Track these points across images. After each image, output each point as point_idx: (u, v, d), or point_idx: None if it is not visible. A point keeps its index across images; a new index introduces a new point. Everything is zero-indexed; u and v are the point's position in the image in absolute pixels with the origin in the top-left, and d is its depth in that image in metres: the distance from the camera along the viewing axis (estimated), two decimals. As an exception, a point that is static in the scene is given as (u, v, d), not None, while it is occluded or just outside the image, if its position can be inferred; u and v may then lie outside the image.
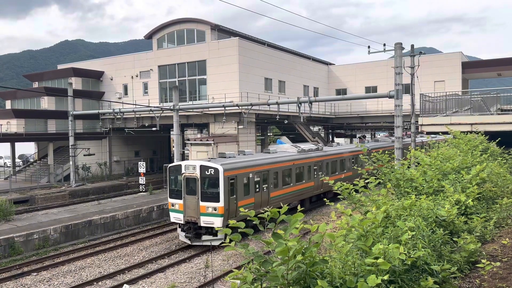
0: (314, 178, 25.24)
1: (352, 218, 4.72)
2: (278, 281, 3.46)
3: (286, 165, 22.61)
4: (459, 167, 8.94)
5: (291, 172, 22.92)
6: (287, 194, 22.55)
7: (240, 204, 18.60)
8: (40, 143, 40.87)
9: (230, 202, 18.08)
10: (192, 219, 18.38)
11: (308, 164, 24.66)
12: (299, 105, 23.91)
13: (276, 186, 21.70)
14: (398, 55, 20.42)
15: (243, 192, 19.08)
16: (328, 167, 26.82)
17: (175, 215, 19.08)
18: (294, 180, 23.19)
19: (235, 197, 18.50)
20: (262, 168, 20.56)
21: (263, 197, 20.49)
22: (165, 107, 29.12)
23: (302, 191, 24.05)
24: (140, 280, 14.99)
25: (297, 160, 23.61)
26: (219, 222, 17.71)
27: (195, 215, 18.24)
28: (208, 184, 18.29)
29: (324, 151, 26.90)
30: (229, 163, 18.88)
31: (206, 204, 18.01)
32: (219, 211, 17.72)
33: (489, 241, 6.58)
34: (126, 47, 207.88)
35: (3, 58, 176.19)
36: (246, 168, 19.48)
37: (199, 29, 37.03)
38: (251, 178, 19.61)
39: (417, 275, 4.49)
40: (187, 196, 18.65)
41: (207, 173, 18.18)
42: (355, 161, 29.85)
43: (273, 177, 21.36)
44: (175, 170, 19.37)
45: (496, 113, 20.84)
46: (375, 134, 59.19)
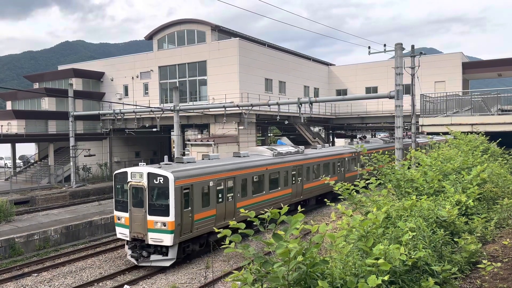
0: (292, 184, 23.00)
1: (353, 218, 4.72)
2: (279, 282, 3.46)
3: (258, 170, 20.25)
4: (459, 167, 8.93)
5: (263, 179, 20.62)
6: (258, 203, 20.01)
7: (198, 218, 16.38)
8: (41, 144, 40.89)
9: (183, 215, 15.66)
10: (138, 236, 15.80)
11: (285, 169, 22.36)
12: (299, 106, 23.91)
13: (245, 195, 19.26)
14: (399, 55, 20.41)
15: (201, 203, 16.64)
16: (309, 172, 24.60)
17: (121, 230, 16.61)
18: (267, 188, 20.86)
19: (190, 209, 16.05)
20: (226, 175, 18.12)
21: (227, 208, 18.10)
22: (166, 108, 29.14)
23: (278, 199, 21.54)
24: (141, 281, 14.98)
25: (272, 165, 21.36)
26: (169, 239, 15.19)
27: (142, 231, 15.69)
28: (157, 194, 15.81)
29: (305, 154, 24.74)
30: (183, 170, 16.38)
31: (154, 219, 15.48)
32: (168, 227, 15.19)
33: (489, 241, 6.57)
34: (126, 48, 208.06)
35: (3, 59, 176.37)
36: (205, 175, 17.01)
37: (200, 30, 37.05)
38: (212, 186, 17.21)
39: (417, 276, 4.49)
40: (133, 209, 16.11)
41: (155, 182, 15.64)
42: (341, 165, 28.33)
43: (241, 185, 19.00)
44: (121, 178, 16.73)
45: (497, 113, 20.83)
46: (375, 135, 59.20)
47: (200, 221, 16.48)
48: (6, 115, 37.75)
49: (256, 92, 34.70)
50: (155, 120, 33.11)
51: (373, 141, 37.23)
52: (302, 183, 23.80)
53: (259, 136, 43.93)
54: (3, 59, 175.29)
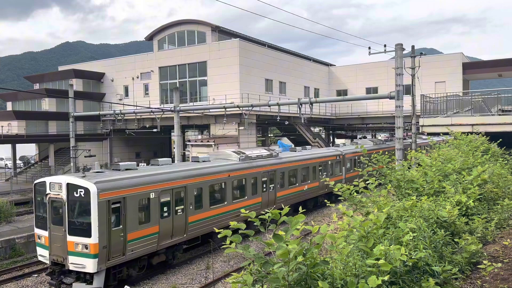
0: (263, 192, 20.43)
1: (353, 219, 4.72)
2: (279, 282, 3.46)
3: (218, 177, 17.58)
4: (460, 168, 8.93)
5: (225, 187, 18.05)
6: (218, 216, 17.47)
7: (133, 237, 13.57)
8: (41, 145, 40.92)
9: (111, 236, 12.88)
10: (58, 259, 13.19)
11: (254, 175, 19.76)
12: (299, 106, 23.90)
13: (200, 207, 16.56)
14: (399, 56, 20.41)
15: (138, 220, 13.85)
16: (284, 178, 22.04)
17: (41, 252, 13.90)
18: (230, 197, 18.22)
19: (122, 228, 13.26)
20: (174, 184, 15.31)
21: (176, 223, 15.34)
22: (166, 109, 29.14)
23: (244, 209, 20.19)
24: (141, 281, 14.98)
25: (237, 171, 18.76)
26: (92, 265, 12.51)
27: (62, 254, 13.03)
28: (78, 210, 13.09)
29: (279, 158, 22.16)
30: (113, 180, 13.51)
31: (75, 239, 12.79)
32: (91, 250, 12.50)
33: (490, 242, 6.57)
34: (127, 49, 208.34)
35: (4, 59, 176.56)
36: (144, 185, 14.15)
37: (200, 31, 37.09)
38: (154, 199, 14.38)
39: (418, 276, 4.49)
40: (52, 227, 13.40)
41: (75, 195, 12.85)
42: (324, 169, 26.00)
43: (195, 195, 16.28)
44: (40, 189, 13.94)
45: (497, 113, 20.82)
46: (375, 135, 59.21)
47: (136, 241, 13.68)
48: (7, 116, 37.78)
49: (256, 92, 34.72)
50: (155, 121, 33.11)
51: (362, 142, 34.48)
52: (275, 191, 21.28)
53: (260, 137, 43.95)
54: (3, 59, 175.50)
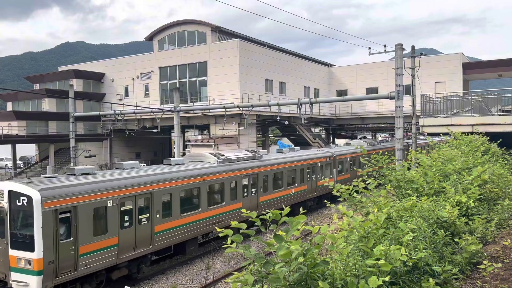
0: (244, 197, 19.02)
1: (354, 219, 4.73)
2: (280, 282, 3.47)
3: (191, 182, 16.06)
4: (460, 168, 8.93)
5: (199, 192, 16.50)
6: (190, 224, 15.94)
7: (85, 251, 12.09)
8: (41, 145, 40.94)
9: (60, 250, 11.50)
10: (0, 276, 11.86)
11: (234, 179, 18.39)
12: (299, 106, 23.91)
13: (168, 215, 15.02)
14: (399, 56, 20.43)
15: (93, 231, 12.37)
16: (268, 181, 20.69)
17: None
18: (205, 203, 16.70)
19: (73, 240, 11.85)
20: (138, 191, 13.74)
21: (139, 233, 13.79)
22: (166, 109, 29.16)
23: (221, 216, 17.63)
24: (141, 282, 14.98)
25: (214, 174, 17.25)
26: (35, 283, 11.11)
27: (4, 270, 11.70)
28: (21, 221, 11.70)
29: (263, 160, 20.74)
30: (61, 186, 11.98)
31: (17, 254, 11.44)
32: (34, 266, 11.11)
33: (490, 242, 6.57)
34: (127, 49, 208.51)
35: (4, 60, 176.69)
36: (99, 192, 12.61)
37: (200, 31, 37.12)
38: (112, 207, 12.91)
39: (418, 276, 4.49)
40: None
41: (18, 204, 11.47)
42: (313, 171, 24.64)
43: (162, 202, 14.74)
44: None
45: (497, 114, 20.83)
46: (376, 135, 59.25)
47: (90, 255, 12.25)
48: (7, 116, 37.81)
49: (256, 92, 34.73)
50: (155, 121, 33.13)
51: (356, 143, 32.70)
52: (257, 195, 19.88)
53: (260, 137, 43.98)
54: (3, 60, 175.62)
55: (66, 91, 37.15)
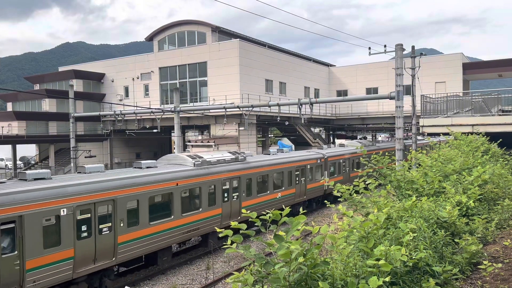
0: (224, 202, 17.73)
1: (354, 219, 4.73)
2: (280, 282, 3.47)
3: (161, 187, 14.76)
4: (460, 168, 8.94)
5: (172, 198, 15.23)
6: (162, 233, 14.71)
7: (34, 265, 11.01)
8: (41, 145, 40.95)
9: (1, 265, 10.42)
10: None
11: (212, 183, 17.07)
12: (299, 107, 23.91)
13: (135, 223, 13.75)
14: (399, 56, 20.43)
15: (43, 243, 11.22)
16: (251, 185, 19.38)
17: None
18: (178, 210, 15.39)
19: (18, 254, 10.74)
20: (97, 197, 12.54)
21: (100, 245, 12.57)
22: (166, 109, 29.17)
23: (198, 224, 16.29)
24: (141, 282, 14.99)
25: (188, 178, 15.98)
26: None
27: None
28: None
29: (246, 162, 19.48)
30: (2, 194, 10.76)
31: None
32: None
33: (490, 242, 6.57)
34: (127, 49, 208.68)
35: (4, 60, 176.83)
36: (51, 199, 11.52)
37: (200, 31, 37.14)
38: (66, 216, 11.77)
39: (418, 277, 4.49)
40: None
41: None
42: (302, 174, 23.35)
43: (128, 210, 13.52)
44: None
45: (497, 114, 20.83)
46: (376, 136, 59.26)
47: (40, 270, 11.15)
48: (7, 117, 37.83)
49: (256, 93, 34.74)
50: (155, 121, 33.14)
51: (350, 144, 32.48)
52: (239, 200, 18.62)
53: (260, 137, 43.99)
54: (4, 60, 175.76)
55: (66, 91, 37.19)
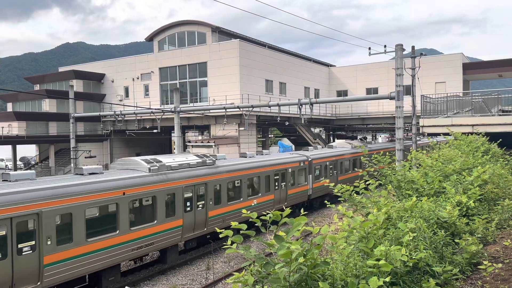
0: (186, 212, 15.76)
1: (354, 220, 4.73)
2: (280, 282, 3.47)
3: (101, 197, 12.65)
4: (460, 168, 8.93)
5: (118, 210, 13.15)
6: (104, 250, 12.71)
7: None
8: (42, 146, 40.97)
9: None
10: None
11: (171, 191, 15.07)
12: (300, 107, 23.91)
13: (68, 240, 11.81)
14: (399, 56, 20.43)
15: None
16: (221, 192, 17.51)
17: None
18: (125, 224, 13.34)
19: None
20: (14, 211, 10.60)
21: (18, 268, 10.64)
22: (166, 109, 29.18)
23: (153, 238, 14.39)
24: (141, 282, 14.98)
25: (139, 186, 13.89)
26: None
27: None
28: None
29: (215, 166, 17.50)
30: None
31: None
32: None
33: (491, 242, 6.57)
34: (127, 50, 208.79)
35: (4, 60, 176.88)
36: None
37: (200, 31, 37.14)
38: None
39: (418, 277, 4.49)
40: None
41: None
42: (282, 178, 21.50)
43: (57, 225, 11.54)
44: None
45: (498, 114, 20.83)
46: (376, 136, 59.26)
47: None
48: (7, 117, 37.85)
49: (256, 93, 34.75)
50: (155, 122, 33.15)
51: (339, 145, 30.90)
52: (206, 209, 16.69)
53: (260, 137, 44.00)
54: (4, 60, 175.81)
55: (66, 91, 37.20)
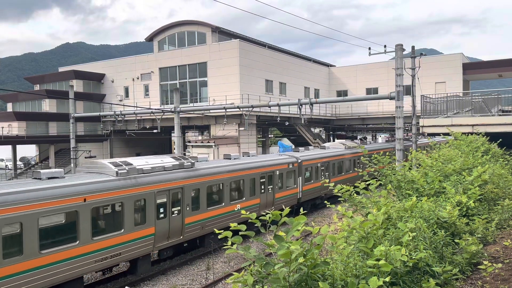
0: (160, 219, 14.54)
1: (353, 220, 4.73)
2: (280, 283, 3.46)
3: (57, 205, 11.47)
4: (460, 168, 8.93)
5: (77, 218, 11.99)
6: (62, 263, 11.54)
7: None
8: (42, 146, 40.96)
9: None
10: None
11: (141, 197, 13.85)
12: (300, 107, 23.90)
13: (17, 253, 10.69)
14: (399, 56, 20.43)
15: None
16: (199, 197, 16.30)
17: None
18: (87, 234, 12.18)
19: None
20: None
21: None
22: (166, 109, 29.17)
23: (120, 248, 13.30)
24: (141, 283, 14.98)
25: (104, 192, 12.72)
26: None
27: None
28: None
29: (194, 169, 16.31)
30: None
31: None
32: None
33: (491, 242, 6.57)
34: (127, 50, 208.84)
35: (4, 60, 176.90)
36: None
37: (200, 31, 37.14)
38: None
39: (418, 277, 4.49)
40: None
41: None
42: (269, 181, 20.23)
43: (3, 237, 10.41)
44: None
45: (497, 114, 20.83)
46: (376, 136, 59.26)
47: None
48: (7, 117, 37.84)
49: (256, 93, 34.74)
50: (155, 122, 33.15)
51: (332, 146, 29.66)
52: (182, 216, 15.45)
53: (260, 137, 44.00)
54: (4, 60, 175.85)
55: (66, 91, 37.19)
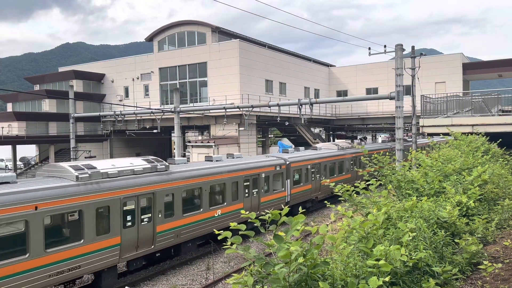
0: (126, 228, 13.40)
1: (353, 220, 4.73)
2: (280, 283, 3.46)
3: (4, 214, 10.25)
4: (460, 168, 8.93)
5: (27, 229, 10.82)
6: (10, 278, 10.32)
7: None
8: (42, 146, 40.96)
9: None
10: None
11: (105, 204, 12.68)
12: (300, 107, 23.90)
13: None
14: (399, 56, 20.43)
15: None
16: (174, 203, 15.12)
17: None
18: (40, 245, 11.03)
19: None
20: None
21: None
22: (166, 109, 29.17)
23: (79, 261, 11.99)
24: (141, 283, 14.98)
25: (60, 199, 11.48)
26: None
27: None
28: None
29: (169, 172, 15.25)
30: None
31: None
32: None
33: (491, 242, 6.57)
34: (127, 50, 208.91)
35: (4, 60, 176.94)
36: None
37: (200, 31, 37.14)
38: None
39: (418, 277, 4.49)
40: None
41: None
42: (254, 184, 19.27)
43: None
44: None
45: (497, 114, 20.82)
46: (376, 136, 59.25)
47: None
48: (7, 117, 37.84)
49: (256, 93, 34.75)
50: (155, 122, 33.15)
51: (324, 147, 28.38)
52: (153, 224, 14.31)
53: (260, 137, 44.00)
54: (4, 61, 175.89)
55: (66, 91, 37.19)
